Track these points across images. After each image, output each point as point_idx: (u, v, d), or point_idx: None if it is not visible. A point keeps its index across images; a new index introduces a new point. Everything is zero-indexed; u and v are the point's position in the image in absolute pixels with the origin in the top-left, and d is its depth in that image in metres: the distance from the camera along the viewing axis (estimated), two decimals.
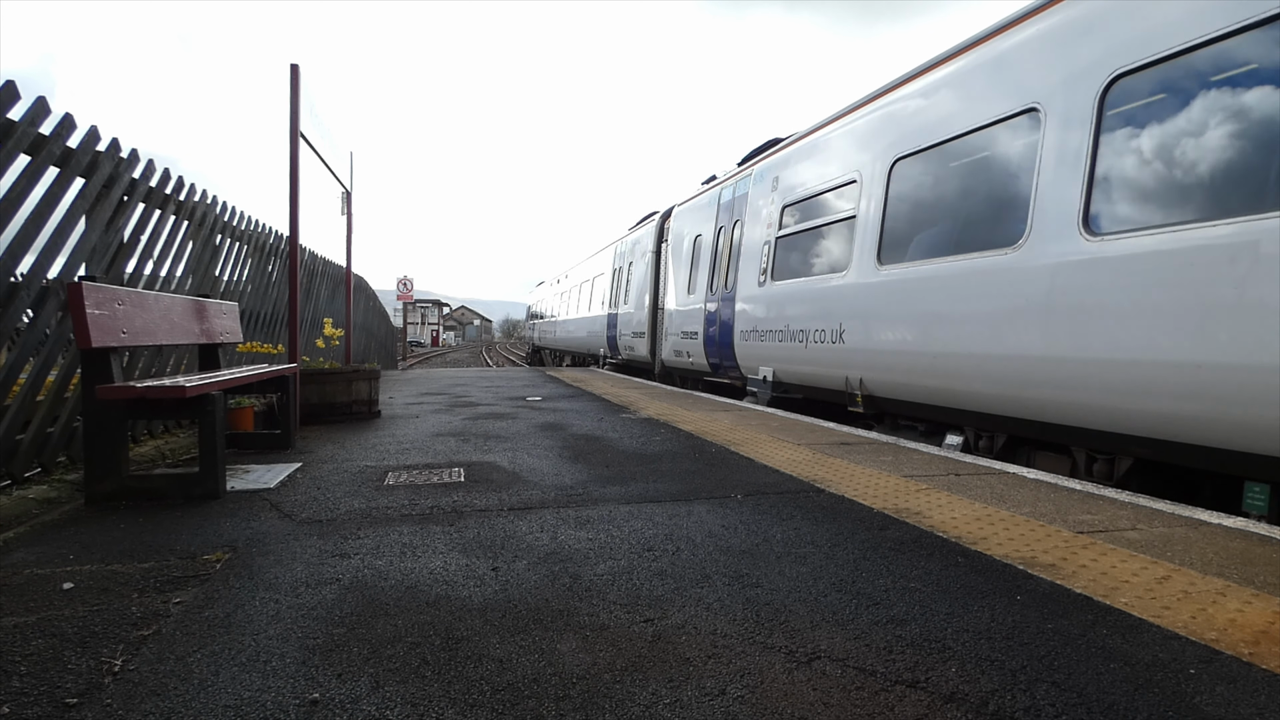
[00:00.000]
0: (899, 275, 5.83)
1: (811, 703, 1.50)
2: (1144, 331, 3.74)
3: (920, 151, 5.86)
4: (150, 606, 1.98)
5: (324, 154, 5.77)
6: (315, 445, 4.77)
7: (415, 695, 1.52)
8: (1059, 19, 4.58)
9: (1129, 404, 3.87)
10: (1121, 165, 4.08)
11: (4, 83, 3.24)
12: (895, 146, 6.15)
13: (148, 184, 4.51)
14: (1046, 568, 2.31)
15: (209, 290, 5.49)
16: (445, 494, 3.38)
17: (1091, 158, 4.19)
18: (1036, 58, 4.75)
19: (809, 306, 7.14)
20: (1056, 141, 4.45)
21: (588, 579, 2.22)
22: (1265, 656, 1.69)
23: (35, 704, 1.47)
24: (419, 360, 36.72)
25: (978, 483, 3.62)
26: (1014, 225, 4.71)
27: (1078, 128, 4.28)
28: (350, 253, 7.20)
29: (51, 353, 3.76)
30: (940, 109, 5.74)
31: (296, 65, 4.88)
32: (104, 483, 3.14)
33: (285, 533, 2.71)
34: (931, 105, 5.87)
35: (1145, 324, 3.73)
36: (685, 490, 3.47)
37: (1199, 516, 2.96)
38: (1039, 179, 4.56)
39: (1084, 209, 4.18)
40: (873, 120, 6.66)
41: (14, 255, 3.37)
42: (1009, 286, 4.66)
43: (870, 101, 6.75)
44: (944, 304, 5.27)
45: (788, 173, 8.11)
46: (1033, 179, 4.61)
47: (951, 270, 5.24)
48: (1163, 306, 3.66)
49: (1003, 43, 5.15)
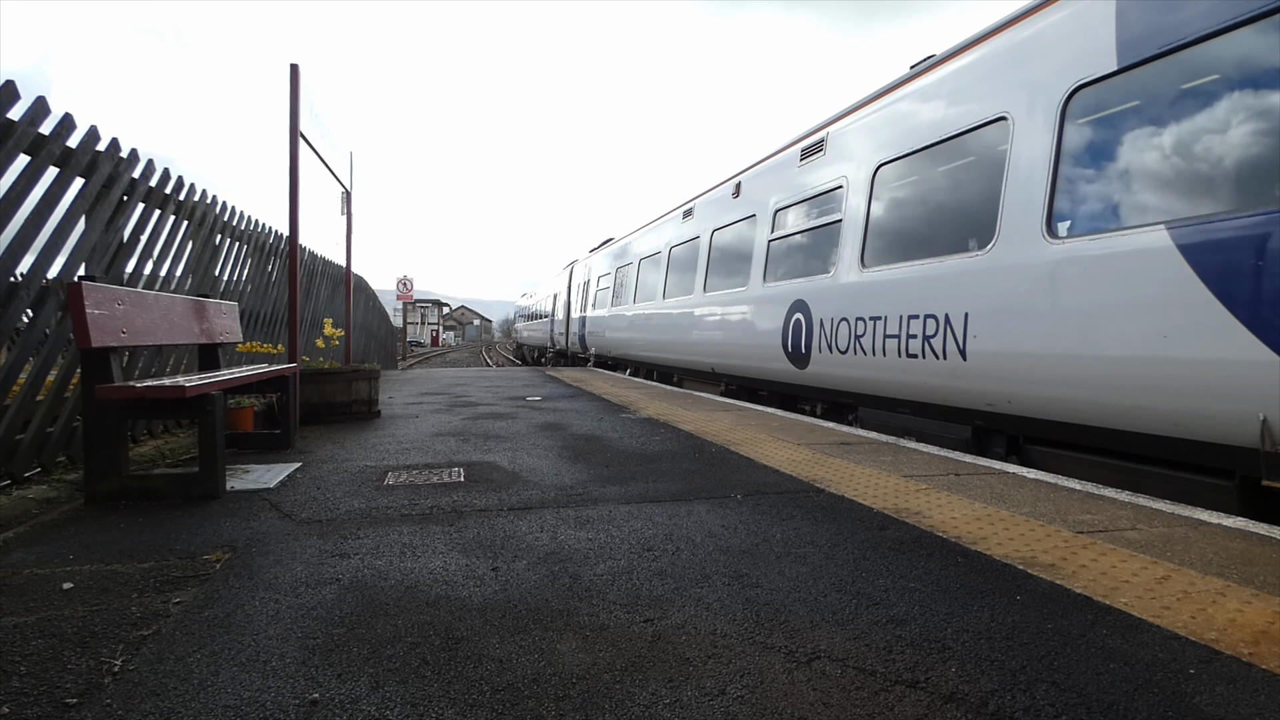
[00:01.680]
0: (640, 311, 12.91)
1: (811, 703, 1.50)
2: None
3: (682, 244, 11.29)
4: (150, 606, 1.98)
5: (324, 154, 5.77)
6: (315, 445, 4.77)
7: (415, 695, 1.52)
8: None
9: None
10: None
11: (4, 83, 3.24)
12: (669, 243, 11.59)
13: (147, 184, 4.51)
14: (1046, 568, 2.31)
15: (209, 290, 5.48)
16: (445, 494, 3.38)
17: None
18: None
19: (611, 324, 15.06)
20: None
21: (588, 579, 2.22)
22: (1265, 656, 1.69)
23: (35, 704, 1.48)
24: (419, 360, 36.71)
25: (977, 483, 3.62)
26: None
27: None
28: (350, 253, 7.20)
29: (51, 352, 3.76)
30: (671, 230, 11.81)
31: (296, 65, 4.88)
32: (104, 482, 3.14)
33: (285, 533, 2.71)
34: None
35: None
36: (685, 490, 3.47)
37: (1199, 516, 2.96)
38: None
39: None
40: (649, 237, 13.03)
41: (14, 255, 3.37)
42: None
43: (664, 215, 12.58)
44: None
45: (597, 260, 17.56)
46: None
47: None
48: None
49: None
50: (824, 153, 6.99)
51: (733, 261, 8.95)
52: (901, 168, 5.82)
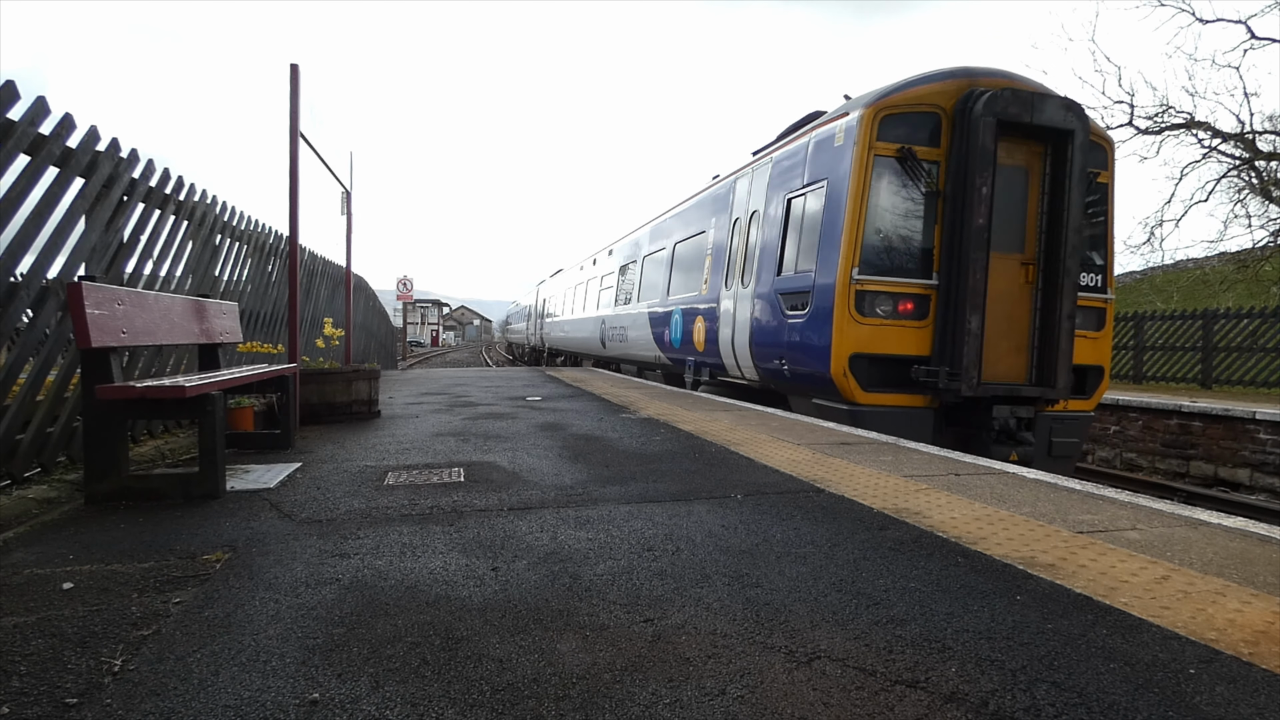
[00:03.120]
0: (561, 323, 21.43)
1: (811, 703, 1.50)
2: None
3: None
4: (150, 606, 1.98)
5: (324, 154, 5.78)
6: (315, 445, 4.77)
7: (415, 695, 1.52)
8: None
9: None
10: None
11: (4, 83, 3.24)
12: (575, 282, 19.98)
13: (147, 184, 4.51)
14: (1046, 567, 2.32)
15: (209, 290, 5.48)
16: (445, 494, 3.38)
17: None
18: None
19: (554, 327, 22.65)
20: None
21: (588, 579, 2.22)
22: (1265, 656, 1.69)
23: (35, 704, 1.48)
24: (419, 360, 36.70)
25: (977, 483, 3.63)
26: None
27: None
28: (350, 253, 7.20)
29: (51, 353, 3.76)
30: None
31: (296, 65, 4.88)
32: (104, 483, 3.14)
33: (285, 533, 2.71)
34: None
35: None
36: (685, 490, 3.47)
37: (1199, 516, 2.96)
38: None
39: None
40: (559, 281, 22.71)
41: (14, 255, 3.37)
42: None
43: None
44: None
45: (549, 284, 25.41)
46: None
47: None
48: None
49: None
50: (616, 246, 15.33)
51: (596, 295, 16.48)
52: (680, 248, 11.13)
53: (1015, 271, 6.31)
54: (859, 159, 6.16)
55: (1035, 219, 6.34)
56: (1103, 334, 6.83)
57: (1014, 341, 6.33)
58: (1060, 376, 6.12)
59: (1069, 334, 6.13)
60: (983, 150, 5.86)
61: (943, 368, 6.03)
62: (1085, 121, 6.15)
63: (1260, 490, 8.58)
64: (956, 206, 6.07)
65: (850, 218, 6.16)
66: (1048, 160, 6.29)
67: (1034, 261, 6.33)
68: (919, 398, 6.27)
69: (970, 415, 6.26)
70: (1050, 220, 6.26)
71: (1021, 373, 6.34)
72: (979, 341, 5.92)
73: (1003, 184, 6.10)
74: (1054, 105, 6.06)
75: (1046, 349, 6.24)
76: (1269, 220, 16.86)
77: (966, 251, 5.92)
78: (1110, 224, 6.91)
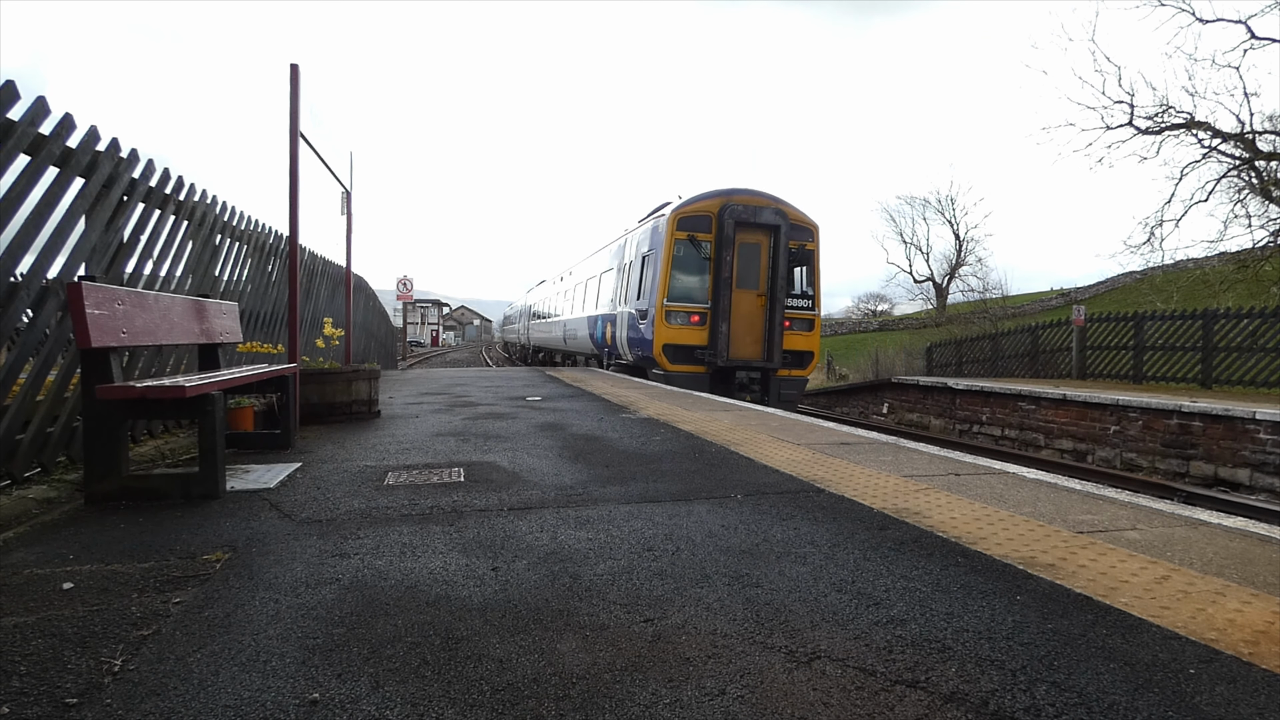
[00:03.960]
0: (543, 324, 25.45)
1: (811, 703, 1.50)
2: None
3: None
4: (150, 606, 1.98)
5: (324, 154, 5.77)
6: (315, 445, 4.77)
7: (415, 695, 1.52)
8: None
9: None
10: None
11: (4, 82, 3.24)
12: (547, 294, 25.27)
13: (147, 184, 4.51)
14: (1046, 567, 2.32)
15: (209, 290, 5.48)
16: (445, 494, 3.38)
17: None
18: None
19: (535, 328, 26.96)
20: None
21: (588, 579, 2.22)
22: (1265, 656, 1.69)
23: (35, 704, 1.48)
24: (419, 360, 36.70)
25: (977, 483, 3.63)
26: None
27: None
28: (350, 253, 7.20)
29: (51, 353, 3.75)
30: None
31: (296, 65, 4.88)
32: (104, 483, 3.14)
33: (285, 533, 2.71)
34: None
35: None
36: (685, 490, 3.47)
37: (1199, 516, 2.96)
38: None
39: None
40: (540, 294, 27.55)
41: (14, 255, 3.37)
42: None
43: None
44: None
45: (534, 292, 29.79)
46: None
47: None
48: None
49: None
50: (571, 272, 20.44)
51: (559, 305, 21.02)
52: (606, 275, 15.38)
53: (754, 300, 11.65)
54: (668, 239, 11.45)
55: (766, 271, 11.66)
56: (812, 333, 12.24)
57: (754, 336, 11.67)
58: (775, 356, 11.56)
59: (781, 332, 11.57)
60: (728, 238, 11.26)
61: (711, 351, 11.38)
62: (788, 220, 11.51)
63: (1260, 490, 8.58)
64: (718, 265, 11.35)
65: (664, 270, 11.47)
66: (770, 239, 11.60)
67: (765, 294, 11.63)
68: (700, 367, 11.47)
69: (727, 376, 11.47)
70: (772, 272, 11.59)
71: (758, 354, 11.67)
72: (728, 337, 11.38)
73: (746, 253, 11.50)
74: (768, 212, 11.47)
75: (770, 341, 11.60)
76: (1269, 220, 16.88)
77: (721, 289, 11.29)
78: (816, 272, 12.22)
